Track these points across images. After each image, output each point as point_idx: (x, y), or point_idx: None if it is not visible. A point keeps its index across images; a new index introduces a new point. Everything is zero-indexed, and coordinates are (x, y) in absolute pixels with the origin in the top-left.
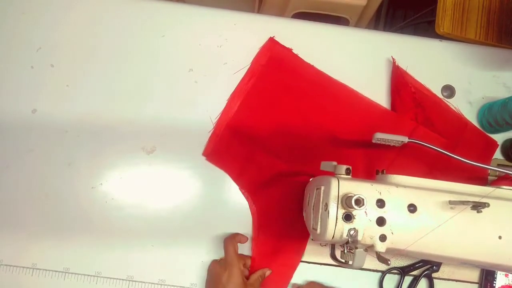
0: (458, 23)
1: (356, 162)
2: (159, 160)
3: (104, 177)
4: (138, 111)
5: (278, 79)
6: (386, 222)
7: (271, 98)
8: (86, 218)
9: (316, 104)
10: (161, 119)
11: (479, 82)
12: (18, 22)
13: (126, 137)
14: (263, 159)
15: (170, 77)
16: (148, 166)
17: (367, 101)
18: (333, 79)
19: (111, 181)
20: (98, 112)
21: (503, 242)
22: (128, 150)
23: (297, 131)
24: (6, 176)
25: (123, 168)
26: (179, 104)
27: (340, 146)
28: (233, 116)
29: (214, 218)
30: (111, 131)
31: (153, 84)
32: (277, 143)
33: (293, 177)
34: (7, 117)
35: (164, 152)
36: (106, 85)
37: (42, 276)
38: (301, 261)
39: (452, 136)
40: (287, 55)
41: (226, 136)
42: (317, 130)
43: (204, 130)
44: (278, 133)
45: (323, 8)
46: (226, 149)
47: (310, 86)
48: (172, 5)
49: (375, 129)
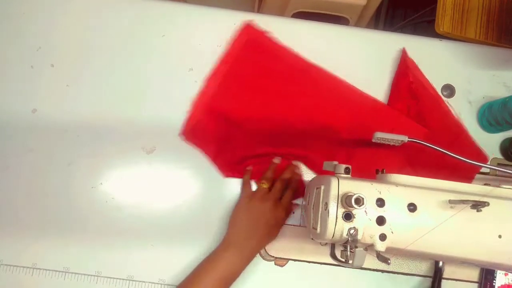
0: (458, 22)
1: (332, 147)
2: (159, 160)
3: (104, 177)
4: (138, 111)
5: (256, 61)
6: (386, 221)
7: (249, 81)
8: (86, 218)
9: (295, 86)
10: (161, 119)
11: (479, 81)
12: (18, 22)
13: (126, 137)
14: (239, 141)
15: (170, 77)
16: (148, 166)
17: (346, 85)
18: (311, 64)
19: (111, 181)
20: (98, 112)
21: (503, 241)
22: (128, 150)
23: (275, 113)
24: (6, 176)
25: (123, 168)
26: (179, 104)
27: (319, 130)
28: (212, 97)
29: (214, 218)
30: (111, 131)
31: (153, 84)
32: (256, 125)
33: (270, 157)
34: (7, 117)
35: (164, 152)
36: (106, 85)
37: (42, 276)
38: (301, 261)
39: (443, 138)
40: (264, 39)
41: (204, 116)
42: (296, 113)
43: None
44: (256, 115)
45: (323, 7)
46: (203, 129)
47: (289, 69)
48: (172, 5)
49: (355, 113)
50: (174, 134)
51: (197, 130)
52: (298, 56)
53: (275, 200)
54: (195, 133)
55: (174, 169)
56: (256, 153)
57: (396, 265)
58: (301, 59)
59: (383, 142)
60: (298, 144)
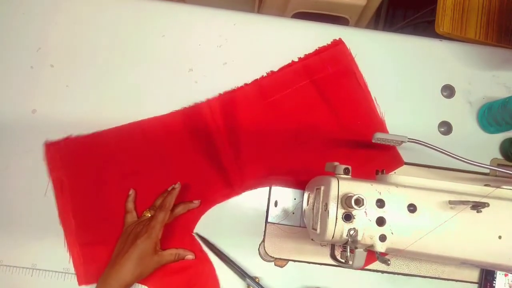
0: (458, 23)
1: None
2: None
3: None
4: (138, 110)
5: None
6: (386, 222)
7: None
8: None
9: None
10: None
11: (479, 81)
12: (18, 22)
13: None
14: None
15: (170, 77)
16: None
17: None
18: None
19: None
20: (98, 112)
21: (503, 242)
22: None
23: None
24: (6, 176)
25: None
26: (179, 104)
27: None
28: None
29: (214, 217)
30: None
31: (153, 84)
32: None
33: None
34: (7, 117)
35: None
36: (106, 85)
37: (42, 276)
38: (301, 262)
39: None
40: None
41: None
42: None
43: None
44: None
45: (323, 8)
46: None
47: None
48: (172, 5)
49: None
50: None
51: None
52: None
53: (147, 226)
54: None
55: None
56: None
57: (396, 266)
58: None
59: (383, 142)
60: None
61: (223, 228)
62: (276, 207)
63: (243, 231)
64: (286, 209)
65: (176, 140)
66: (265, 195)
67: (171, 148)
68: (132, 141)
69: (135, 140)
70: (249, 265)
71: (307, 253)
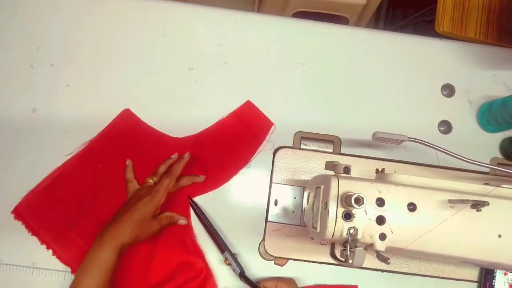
0: (458, 22)
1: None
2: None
3: None
4: (138, 110)
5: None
6: (386, 221)
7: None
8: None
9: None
10: (161, 118)
11: (479, 81)
12: (18, 22)
13: None
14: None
15: (170, 76)
16: None
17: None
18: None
19: None
20: (98, 112)
21: (503, 240)
22: None
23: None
24: (6, 176)
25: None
26: (179, 104)
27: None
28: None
29: (214, 216)
30: None
31: (153, 84)
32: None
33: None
34: (7, 117)
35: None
36: (106, 85)
37: (42, 275)
38: (301, 260)
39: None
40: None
41: (48, 199)
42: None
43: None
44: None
45: (323, 7)
46: (43, 212)
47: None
48: (172, 5)
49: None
50: (174, 134)
51: (35, 211)
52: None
53: (151, 189)
54: (31, 213)
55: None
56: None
57: (396, 264)
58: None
59: (383, 142)
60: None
61: (223, 227)
62: (276, 206)
63: (243, 229)
64: (286, 208)
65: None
66: (265, 194)
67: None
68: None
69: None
70: (249, 263)
71: (307, 252)
